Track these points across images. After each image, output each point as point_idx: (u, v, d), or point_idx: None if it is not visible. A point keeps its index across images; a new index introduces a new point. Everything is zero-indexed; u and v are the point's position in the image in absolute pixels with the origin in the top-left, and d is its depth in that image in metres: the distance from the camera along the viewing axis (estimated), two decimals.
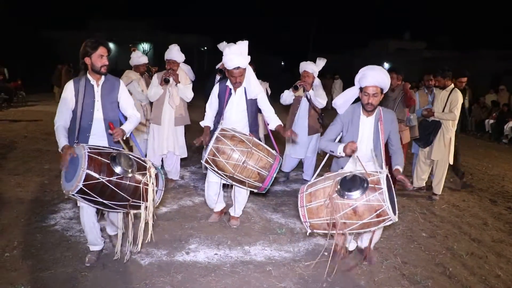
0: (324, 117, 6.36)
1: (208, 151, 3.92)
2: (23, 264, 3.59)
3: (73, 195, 2.99)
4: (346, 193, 3.13)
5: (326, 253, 4.09)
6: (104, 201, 3.08)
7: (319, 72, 6.10)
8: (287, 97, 6.13)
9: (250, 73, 4.30)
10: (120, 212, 3.52)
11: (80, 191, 2.94)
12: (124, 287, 3.31)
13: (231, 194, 4.75)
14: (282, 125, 4.32)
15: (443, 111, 5.95)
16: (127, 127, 3.52)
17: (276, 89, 7.11)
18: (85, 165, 2.89)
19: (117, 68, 34.98)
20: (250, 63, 5.74)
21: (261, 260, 3.94)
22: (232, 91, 4.36)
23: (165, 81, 5.46)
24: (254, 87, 4.32)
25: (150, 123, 5.91)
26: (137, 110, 4.06)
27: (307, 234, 3.36)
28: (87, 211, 3.50)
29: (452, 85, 6.03)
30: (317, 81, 6.15)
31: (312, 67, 5.99)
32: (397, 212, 3.16)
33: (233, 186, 4.49)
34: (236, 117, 4.37)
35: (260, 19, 46.01)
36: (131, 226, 3.49)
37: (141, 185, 3.18)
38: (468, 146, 11.60)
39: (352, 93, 3.79)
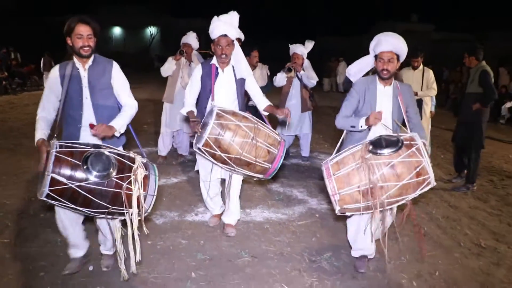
0: (314, 96, 6.91)
1: (209, 129, 3.33)
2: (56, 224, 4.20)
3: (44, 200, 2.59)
4: (380, 150, 2.88)
5: (317, 215, 4.70)
6: (78, 208, 2.66)
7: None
8: (280, 79, 6.56)
9: (239, 51, 3.89)
10: (103, 218, 2.96)
11: (49, 197, 2.55)
12: (143, 239, 3.91)
13: (226, 192, 4.21)
14: (272, 105, 4.03)
15: (421, 89, 6.52)
16: (118, 122, 3.04)
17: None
18: (50, 168, 2.47)
19: (126, 51, 35.69)
20: (254, 49, 6.32)
21: (260, 220, 4.53)
22: (219, 70, 3.90)
23: (180, 53, 6.12)
24: (244, 66, 3.92)
25: (163, 101, 6.49)
26: None
27: (337, 213, 3.04)
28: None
29: (422, 65, 6.63)
30: (306, 62, 6.58)
31: (301, 49, 6.41)
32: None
33: (227, 185, 4.13)
34: (225, 99, 3.91)
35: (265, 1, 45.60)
36: (119, 237, 3.03)
37: (122, 191, 2.66)
38: None
39: (366, 61, 3.60)
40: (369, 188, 2.85)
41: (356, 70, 3.65)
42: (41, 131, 2.85)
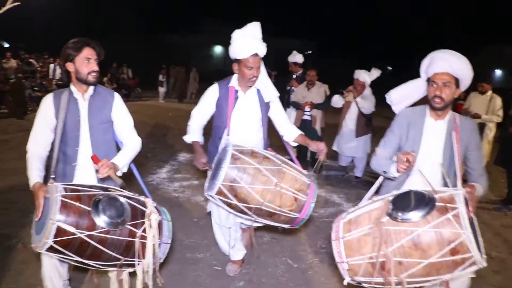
0: (371, 123, 7.00)
1: (223, 176, 2.78)
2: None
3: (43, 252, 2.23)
4: (401, 214, 2.16)
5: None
6: (85, 261, 2.30)
7: None
8: (336, 101, 6.87)
9: (263, 69, 3.29)
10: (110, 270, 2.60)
11: (51, 249, 2.18)
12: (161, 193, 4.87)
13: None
14: (304, 134, 3.46)
15: (486, 114, 6.77)
16: (121, 159, 2.71)
17: (380, 95, 7.37)
18: (55, 215, 2.11)
19: (225, 69, 37.56)
20: (311, 69, 6.99)
21: None
22: (240, 93, 3.31)
23: None
24: (271, 88, 3.35)
25: None
26: None
27: (345, 283, 2.36)
28: (52, 259, 2.66)
29: (491, 91, 6.86)
30: (367, 91, 6.65)
31: (363, 76, 6.54)
32: (483, 251, 2.09)
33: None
34: (247, 129, 3.32)
35: (366, 20, 45.05)
36: None
37: (136, 239, 2.36)
38: None
39: (415, 85, 2.92)
40: (383, 262, 2.18)
41: (400, 96, 3.01)
42: (36, 172, 2.46)
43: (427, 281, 2.20)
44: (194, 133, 3.38)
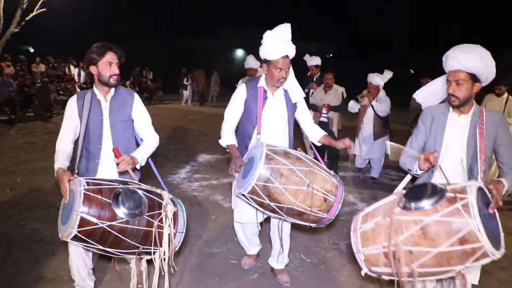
0: (389, 124, 7.07)
1: (257, 176, 2.81)
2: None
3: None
4: (413, 204, 2.22)
5: None
6: (106, 249, 2.51)
7: None
8: (352, 107, 6.94)
9: (291, 70, 3.32)
10: (130, 258, 2.80)
11: (76, 238, 2.38)
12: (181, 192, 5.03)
13: (273, 234, 3.63)
14: (327, 134, 3.49)
15: None
16: (140, 153, 2.91)
17: (401, 97, 7.47)
18: (79, 207, 2.31)
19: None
20: (329, 72, 7.10)
21: None
22: (269, 93, 3.35)
23: None
24: (298, 90, 3.41)
25: None
26: None
27: (362, 274, 2.41)
28: (77, 249, 2.94)
29: (506, 93, 6.84)
30: (382, 94, 6.75)
31: (376, 80, 6.66)
32: (502, 245, 2.10)
33: (274, 226, 3.57)
34: (274, 129, 3.37)
35: (387, 22, 44.18)
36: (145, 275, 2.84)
37: (153, 229, 2.55)
38: None
39: (440, 83, 2.95)
40: (392, 251, 2.23)
41: (426, 95, 3.07)
42: (61, 161, 2.70)
43: (440, 272, 2.20)
44: (228, 136, 3.39)
